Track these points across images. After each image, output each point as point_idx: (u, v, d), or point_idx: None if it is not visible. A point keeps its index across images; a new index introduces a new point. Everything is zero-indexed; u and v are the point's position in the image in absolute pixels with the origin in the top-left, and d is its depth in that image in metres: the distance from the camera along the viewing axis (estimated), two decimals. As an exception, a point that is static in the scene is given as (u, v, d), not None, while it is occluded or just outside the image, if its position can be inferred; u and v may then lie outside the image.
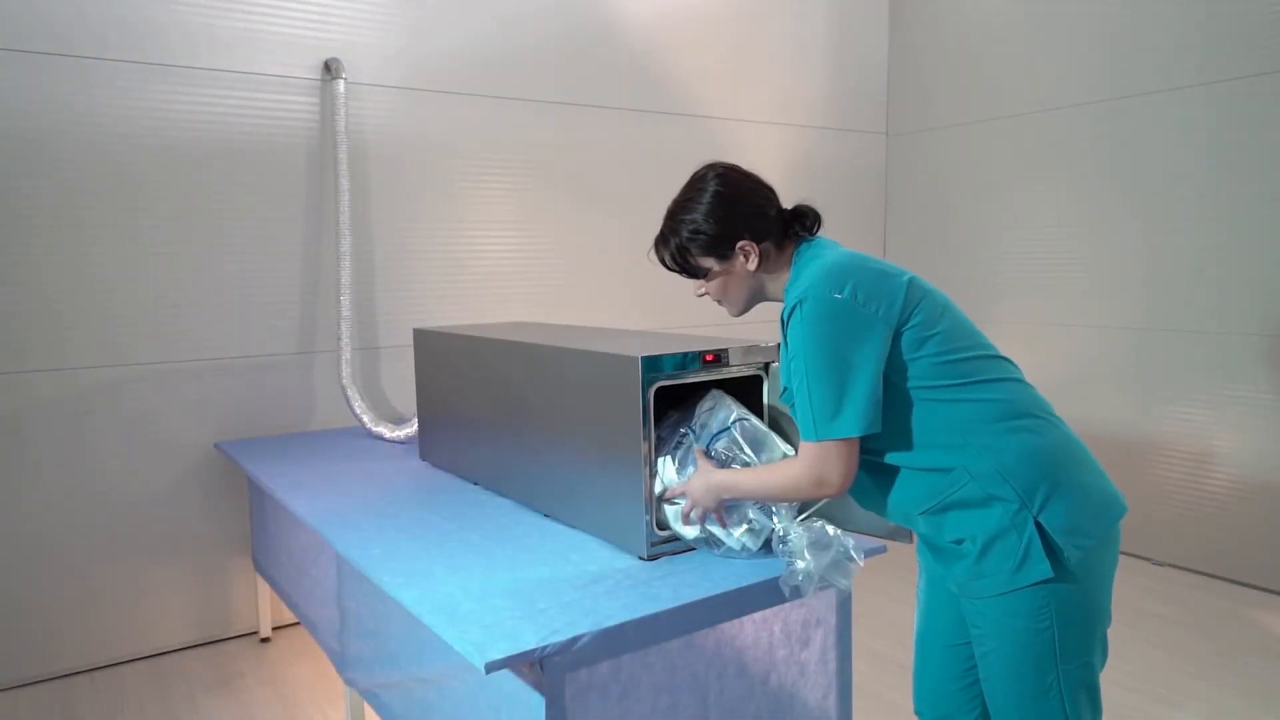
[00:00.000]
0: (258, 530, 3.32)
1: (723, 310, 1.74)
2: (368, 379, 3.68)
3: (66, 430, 3.10)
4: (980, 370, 1.52)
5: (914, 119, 5.09)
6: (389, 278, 3.69)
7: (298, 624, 3.53)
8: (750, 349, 1.93)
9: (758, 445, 1.78)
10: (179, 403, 3.28)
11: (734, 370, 1.91)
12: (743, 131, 4.65)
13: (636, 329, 3.13)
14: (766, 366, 1.96)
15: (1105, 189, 4.16)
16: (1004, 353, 1.59)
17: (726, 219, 1.60)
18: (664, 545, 1.84)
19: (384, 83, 3.61)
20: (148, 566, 3.27)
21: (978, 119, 4.70)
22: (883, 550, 1.85)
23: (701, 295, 1.70)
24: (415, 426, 3.14)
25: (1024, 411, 1.52)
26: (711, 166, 1.66)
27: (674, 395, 1.91)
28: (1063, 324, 4.38)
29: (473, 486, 2.49)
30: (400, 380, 3.75)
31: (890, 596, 3.63)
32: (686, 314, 4.49)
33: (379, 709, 2.24)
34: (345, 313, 3.43)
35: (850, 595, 1.88)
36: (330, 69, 3.44)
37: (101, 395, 3.15)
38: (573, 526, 2.07)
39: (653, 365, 1.77)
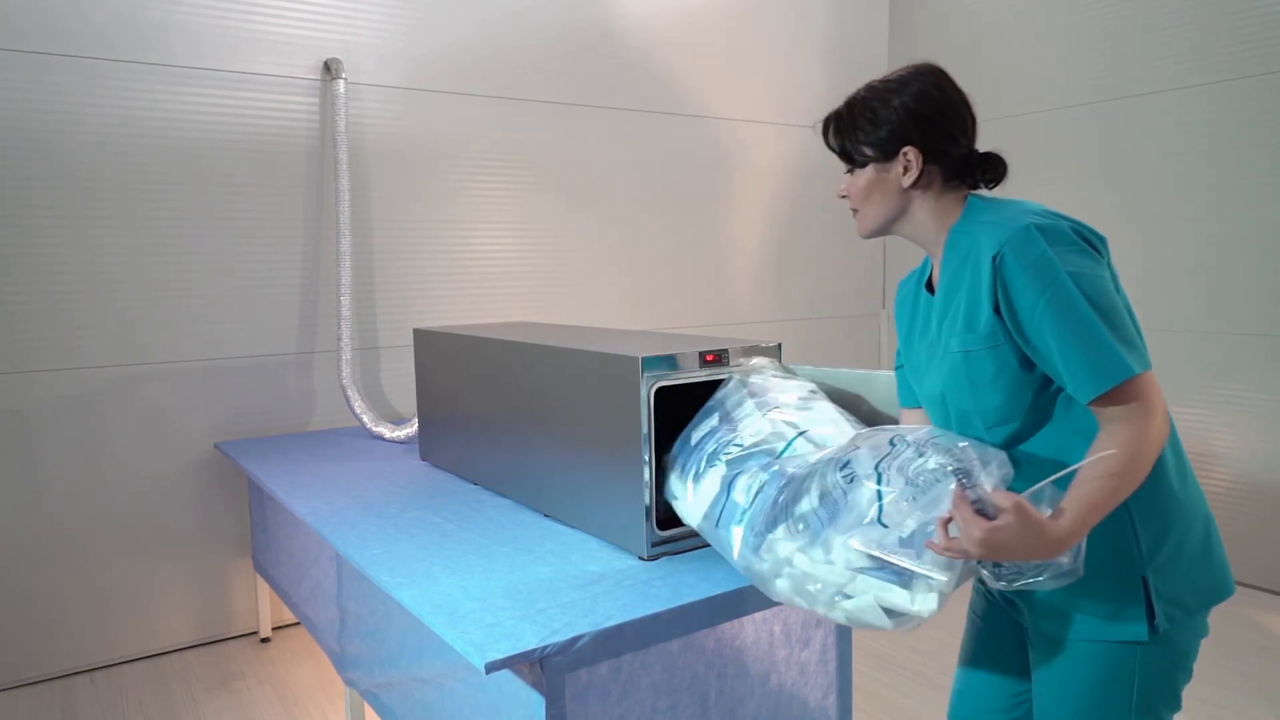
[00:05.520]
0: (258, 530, 3.32)
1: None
2: (368, 379, 3.68)
3: (69, 430, 3.10)
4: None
5: (914, 119, 5.08)
6: (389, 278, 3.69)
7: (298, 624, 3.53)
8: (750, 349, 1.93)
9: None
10: (180, 402, 3.29)
11: (734, 370, 1.91)
12: (742, 131, 4.65)
13: (636, 329, 3.13)
14: (766, 366, 1.95)
15: (1103, 189, 4.16)
16: None
17: (910, 117, 1.38)
18: (664, 545, 1.84)
19: (384, 83, 3.62)
20: (148, 566, 3.27)
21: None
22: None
23: (842, 196, 1.49)
24: (415, 426, 3.14)
25: (1173, 442, 1.33)
26: (930, 64, 1.45)
27: (674, 395, 1.91)
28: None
29: (473, 486, 2.49)
30: (400, 380, 3.75)
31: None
32: (686, 314, 4.49)
33: (379, 709, 2.24)
34: (345, 313, 3.43)
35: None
36: (330, 69, 3.44)
37: (103, 395, 3.15)
38: (573, 526, 2.07)
39: (653, 365, 1.77)
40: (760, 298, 4.77)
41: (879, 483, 1.33)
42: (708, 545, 1.89)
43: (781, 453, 1.63)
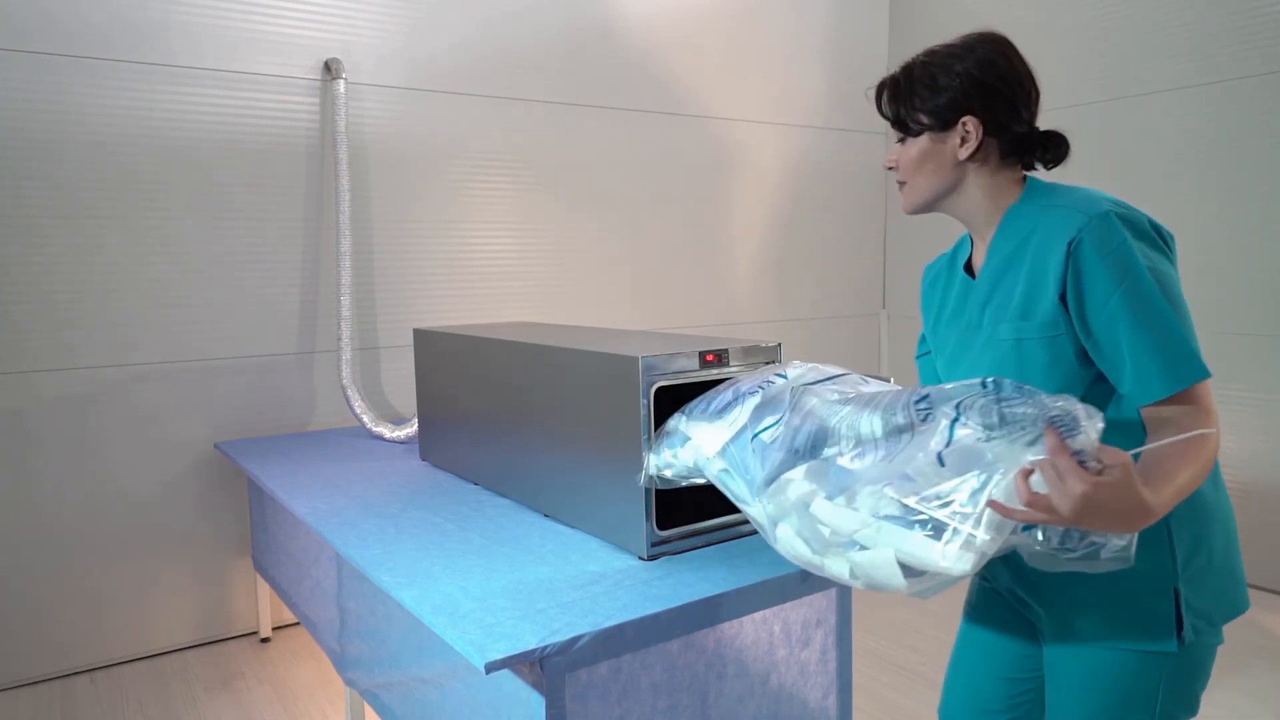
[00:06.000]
0: (258, 530, 3.32)
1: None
2: (368, 379, 3.68)
3: (68, 430, 3.10)
4: None
5: (914, 119, 5.08)
6: (389, 278, 3.69)
7: (298, 624, 3.53)
8: (750, 349, 1.93)
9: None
10: (179, 403, 3.29)
11: (734, 370, 1.91)
12: (743, 131, 4.65)
13: (637, 329, 3.13)
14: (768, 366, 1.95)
15: (1103, 189, 4.15)
16: None
17: (973, 85, 1.32)
18: (664, 545, 1.84)
19: (384, 83, 3.62)
20: (148, 566, 3.27)
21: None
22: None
23: (889, 167, 1.43)
24: (415, 426, 3.14)
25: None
26: (996, 33, 1.39)
27: (675, 395, 1.91)
28: (1063, 324, 4.38)
29: (473, 486, 2.49)
30: (400, 380, 3.75)
31: (890, 596, 3.63)
32: (686, 314, 4.49)
33: (379, 709, 2.24)
34: (345, 313, 3.43)
35: (851, 595, 1.88)
36: (330, 69, 3.44)
37: (103, 395, 3.15)
38: (573, 526, 2.07)
39: (653, 365, 1.77)
40: (761, 298, 4.77)
41: (954, 420, 1.16)
42: (708, 545, 1.89)
43: (819, 380, 1.49)
